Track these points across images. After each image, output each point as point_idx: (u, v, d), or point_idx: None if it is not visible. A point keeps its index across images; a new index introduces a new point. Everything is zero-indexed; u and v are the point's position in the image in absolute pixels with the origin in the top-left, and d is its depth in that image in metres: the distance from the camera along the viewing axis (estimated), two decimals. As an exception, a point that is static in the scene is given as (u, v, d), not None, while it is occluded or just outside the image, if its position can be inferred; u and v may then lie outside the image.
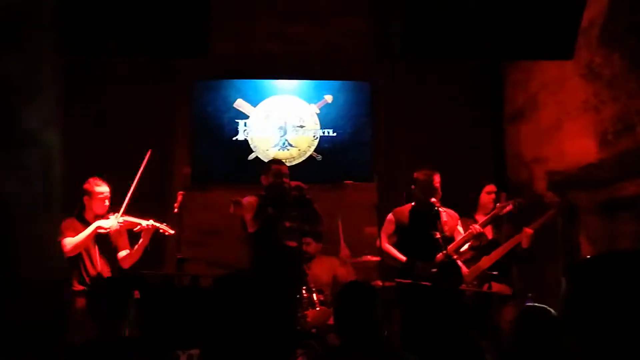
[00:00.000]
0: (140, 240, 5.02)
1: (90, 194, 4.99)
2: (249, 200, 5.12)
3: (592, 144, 5.46)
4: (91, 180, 5.02)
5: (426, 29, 4.39)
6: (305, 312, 5.49)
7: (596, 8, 5.21)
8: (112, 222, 4.92)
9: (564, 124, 5.94)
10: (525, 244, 5.35)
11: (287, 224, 4.94)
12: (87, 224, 4.95)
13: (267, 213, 4.91)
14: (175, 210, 5.10)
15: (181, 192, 5.17)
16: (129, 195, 5.00)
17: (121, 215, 4.97)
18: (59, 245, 4.70)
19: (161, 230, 5.00)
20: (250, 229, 4.93)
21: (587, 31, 5.22)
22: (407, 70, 6.72)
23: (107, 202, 5.01)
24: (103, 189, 5.00)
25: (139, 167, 5.11)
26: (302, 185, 5.04)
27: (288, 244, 4.90)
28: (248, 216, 5.00)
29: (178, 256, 5.05)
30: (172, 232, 5.01)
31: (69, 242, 4.81)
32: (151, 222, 4.98)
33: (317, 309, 5.55)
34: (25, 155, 0.82)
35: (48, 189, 0.86)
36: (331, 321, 5.07)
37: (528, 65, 6.53)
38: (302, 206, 4.99)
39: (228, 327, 2.29)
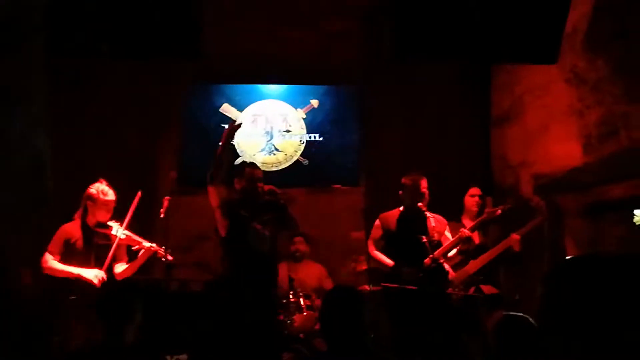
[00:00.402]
0: (138, 258, 4.95)
1: (95, 200, 4.88)
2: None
3: (577, 148, 5.50)
4: (97, 185, 4.91)
5: (416, 32, 4.43)
6: (293, 317, 5.49)
7: (580, 13, 5.25)
8: (95, 275, 4.76)
9: (549, 128, 5.98)
10: (516, 248, 5.42)
11: (259, 227, 4.87)
12: (87, 229, 4.88)
13: (239, 216, 4.84)
14: (162, 215, 5.06)
15: (167, 197, 5.13)
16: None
17: (124, 229, 4.89)
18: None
19: (158, 255, 4.94)
20: (222, 232, 4.87)
21: (572, 36, 5.26)
22: (394, 74, 6.70)
23: (111, 210, 4.92)
24: (109, 197, 4.91)
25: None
26: (276, 189, 4.97)
27: (259, 248, 4.84)
28: (218, 214, 4.89)
29: (166, 261, 5.01)
30: (171, 258, 4.90)
31: (50, 262, 4.71)
32: (152, 244, 4.92)
33: (305, 314, 5.54)
34: (14, 158, 0.82)
35: (38, 192, 0.86)
36: (318, 326, 5.06)
37: (514, 69, 6.56)
38: (276, 210, 4.92)
39: (216, 332, 2.29)
